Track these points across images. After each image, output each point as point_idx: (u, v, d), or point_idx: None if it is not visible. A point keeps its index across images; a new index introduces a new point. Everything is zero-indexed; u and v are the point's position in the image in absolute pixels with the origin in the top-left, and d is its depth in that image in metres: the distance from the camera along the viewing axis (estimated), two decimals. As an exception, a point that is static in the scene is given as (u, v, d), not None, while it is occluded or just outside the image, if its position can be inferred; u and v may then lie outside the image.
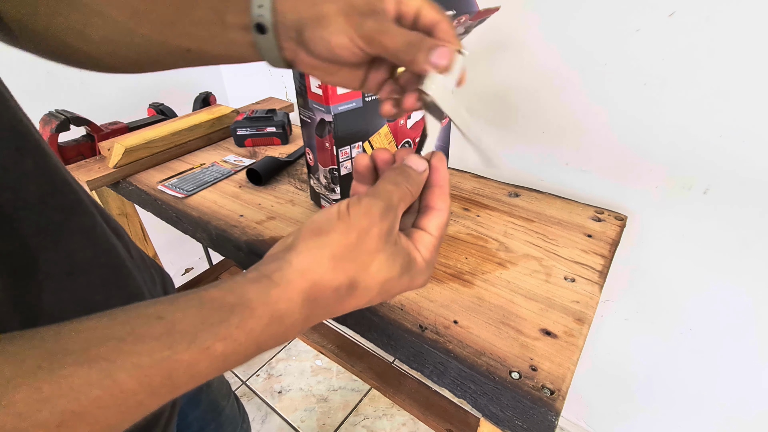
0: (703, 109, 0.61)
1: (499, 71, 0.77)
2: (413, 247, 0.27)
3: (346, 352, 1.05)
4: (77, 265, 0.30)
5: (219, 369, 0.21)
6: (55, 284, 0.28)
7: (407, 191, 0.27)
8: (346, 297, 0.24)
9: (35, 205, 0.28)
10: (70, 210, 0.31)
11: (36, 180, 0.28)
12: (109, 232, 0.35)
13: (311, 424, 1.19)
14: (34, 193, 0.28)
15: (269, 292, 0.22)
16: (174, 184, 0.76)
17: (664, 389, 0.89)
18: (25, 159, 0.28)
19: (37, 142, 0.29)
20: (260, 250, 0.59)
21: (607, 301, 0.86)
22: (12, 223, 0.26)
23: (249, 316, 0.21)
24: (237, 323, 0.20)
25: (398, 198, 0.26)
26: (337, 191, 0.63)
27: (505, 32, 0.73)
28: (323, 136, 0.59)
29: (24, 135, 0.28)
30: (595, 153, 0.73)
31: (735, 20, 0.54)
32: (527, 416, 0.40)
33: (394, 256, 0.25)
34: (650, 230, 0.74)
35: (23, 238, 0.26)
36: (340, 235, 0.24)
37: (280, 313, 0.22)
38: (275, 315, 0.22)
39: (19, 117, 0.28)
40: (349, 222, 0.24)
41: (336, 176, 0.62)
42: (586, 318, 0.48)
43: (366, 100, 0.59)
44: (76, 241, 0.30)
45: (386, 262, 0.25)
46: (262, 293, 0.22)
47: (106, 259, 0.33)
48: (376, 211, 0.24)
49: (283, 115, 0.95)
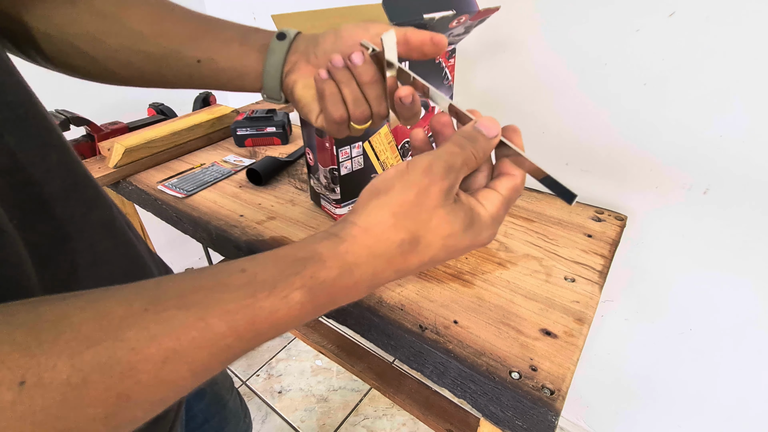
0: (703, 109, 0.61)
1: (499, 71, 0.77)
2: (476, 202, 0.27)
3: (346, 352, 1.05)
4: (99, 255, 0.31)
5: (296, 318, 0.22)
6: (79, 274, 0.29)
7: (471, 155, 0.26)
8: (409, 253, 0.24)
9: (60, 199, 0.28)
10: (92, 203, 0.32)
11: (60, 174, 0.29)
12: (126, 225, 0.36)
13: (311, 424, 1.19)
14: (59, 187, 0.29)
15: (337, 246, 0.23)
16: (174, 184, 0.76)
17: (664, 389, 0.88)
18: (50, 154, 0.29)
19: (60, 138, 0.30)
20: (260, 250, 0.59)
21: (607, 301, 0.86)
22: (39, 216, 0.27)
23: (321, 267, 0.22)
24: (311, 274, 0.22)
25: (461, 161, 0.26)
26: (337, 191, 0.63)
27: (506, 32, 0.73)
28: (323, 136, 0.59)
29: (49, 131, 0.29)
30: (596, 153, 0.73)
31: (735, 20, 0.54)
32: (527, 416, 0.40)
33: (455, 212, 0.25)
34: (650, 230, 0.74)
35: (49, 231, 0.27)
36: (398, 194, 0.24)
37: (349, 265, 0.23)
38: (344, 267, 0.23)
39: (43, 113, 0.29)
40: (408, 179, 0.24)
41: (336, 176, 0.62)
42: (586, 318, 0.48)
43: None
44: (97, 233, 0.31)
45: (446, 217, 0.24)
46: (331, 248, 0.23)
47: (124, 250, 0.34)
48: (436, 169, 0.24)
49: (283, 115, 0.95)
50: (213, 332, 0.19)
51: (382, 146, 0.65)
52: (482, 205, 0.27)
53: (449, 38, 0.62)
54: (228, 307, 0.20)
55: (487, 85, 0.80)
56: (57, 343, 0.16)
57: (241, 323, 0.20)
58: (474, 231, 0.26)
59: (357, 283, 0.23)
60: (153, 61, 0.36)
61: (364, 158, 0.64)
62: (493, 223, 0.27)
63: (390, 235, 0.24)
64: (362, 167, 0.64)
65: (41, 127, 0.28)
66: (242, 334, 0.20)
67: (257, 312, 0.20)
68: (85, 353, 0.17)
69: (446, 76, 0.68)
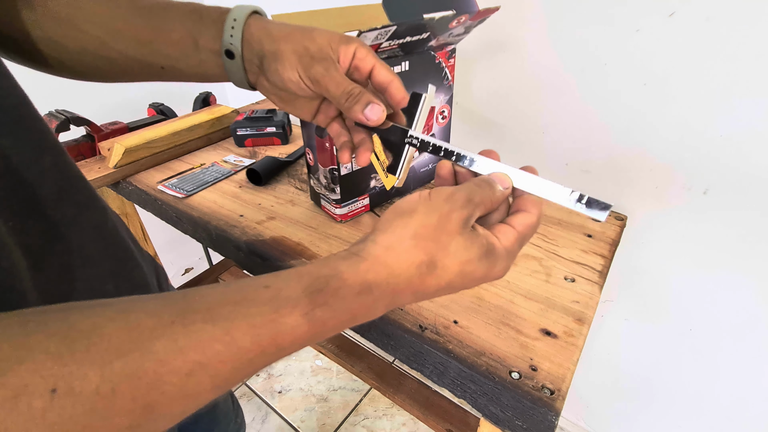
0: (703, 109, 0.61)
1: (500, 71, 0.77)
2: (492, 235, 0.27)
3: (346, 352, 1.05)
4: (89, 257, 0.31)
5: (317, 335, 0.22)
6: (70, 275, 0.30)
7: (488, 197, 0.28)
8: (427, 275, 0.25)
9: (52, 201, 0.29)
10: (84, 205, 0.32)
11: (53, 176, 0.29)
12: (119, 226, 0.36)
13: (311, 424, 1.19)
14: (52, 189, 0.29)
15: (359, 265, 0.24)
16: (174, 184, 0.76)
17: (664, 389, 0.88)
18: (44, 156, 0.29)
19: (54, 141, 0.31)
20: (260, 250, 0.59)
21: (607, 301, 0.86)
22: (32, 218, 0.27)
23: (342, 285, 0.23)
24: (333, 292, 0.23)
25: (479, 198, 0.27)
26: (337, 191, 0.63)
27: (506, 32, 0.73)
28: (323, 137, 0.59)
29: (43, 133, 0.29)
30: (595, 153, 0.73)
31: (735, 20, 0.54)
32: (527, 416, 0.40)
33: (472, 239, 0.26)
34: (650, 230, 0.74)
35: (42, 232, 0.28)
36: (421, 216, 0.25)
37: (369, 284, 0.24)
38: (365, 285, 0.23)
39: (37, 116, 0.30)
40: (431, 205, 0.26)
41: (336, 176, 0.62)
42: (586, 318, 0.48)
43: None
44: (88, 235, 0.32)
45: (464, 243, 0.25)
46: (352, 266, 0.24)
47: (113, 251, 0.35)
48: (457, 198, 0.26)
49: (283, 115, 0.95)
50: (238, 346, 0.20)
51: (380, 149, 0.65)
52: (497, 239, 0.27)
53: (449, 38, 0.62)
54: (254, 321, 0.20)
55: (487, 85, 0.80)
56: (89, 353, 0.17)
57: (265, 338, 0.20)
58: (489, 261, 0.26)
59: (376, 301, 0.24)
60: (119, 66, 0.36)
61: None
62: (507, 256, 0.28)
63: (410, 256, 0.24)
64: (361, 168, 0.64)
65: (35, 129, 0.29)
66: (265, 349, 0.21)
67: (280, 327, 0.21)
68: (115, 363, 0.17)
69: (446, 76, 0.68)
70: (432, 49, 0.63)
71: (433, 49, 0.63)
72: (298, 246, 0.60)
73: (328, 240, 0.62)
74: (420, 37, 0.56)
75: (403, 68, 0.60)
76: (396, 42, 0.54)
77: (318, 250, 0.59)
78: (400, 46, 0.56)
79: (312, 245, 0.60)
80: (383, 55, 0.56)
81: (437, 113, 0.70)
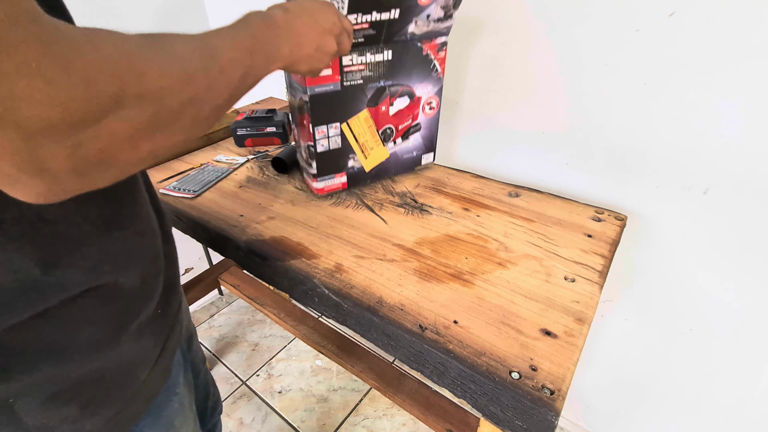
0: (703, 109, 0.61)
1: (499, 71, 0.77)
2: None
3: (346, 352, 1.05)
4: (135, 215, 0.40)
5: (250, 49, 0.35)
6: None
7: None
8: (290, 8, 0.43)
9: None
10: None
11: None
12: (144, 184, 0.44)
13: (311, 424, 1.19)
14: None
15: (266, 11, 0.41)
16: (174, 185, 0.76)
17: (663, 389, 0.88)
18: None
19: None
20: (260, 249, 0.59)
21: (607, 301, 0.86)
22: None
23: (254, 16, 0.38)
24: (253, 22, 0.38)
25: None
26: (314, 166, 0.68)
27: (506, 32, 0.73)
28: (303, 114, 0.64)
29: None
30: (595, 153, 0.73)
31: (735, 20, 0.54)
32: (527, 416, 0.40)
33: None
34: (650, 230, 0.74)
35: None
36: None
37: (267, 13, 0.40)
38: (265, 14, 0.40)
39: None
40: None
41: (312, 152, 0.66)
42: (586, 318, 0.48)
43: (344, 84, 0.62)
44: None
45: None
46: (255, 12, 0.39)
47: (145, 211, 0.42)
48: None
49: (283, 114, 0.95)
50: (240, 47, 0.33)
51: (361, 129, 0.68)
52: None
53: (430, 24, 0.62)
54: (234, 34, 0.34)
55: (486, 85, 0.80)
56: (173, 51, 0.27)
57: (246, 43, 0.34)
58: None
59: (275, 22, 0.40)
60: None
61: (342, 138, 0.67)
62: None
63: (280, 6, 0.42)
64: (339, 147, 0.68)
65: None
66: (250, 50, 0.35)
67: (247, 40, 0.35)
68: (195, 57, 0.28)
69: (435, 68, 0.68)
70: (416, 38, 0.63)
71: (418, 39, 0.63)
72: (298, 246, 0.60)
73: (328, 240, 0.62)
74: (391, 16, 0.57)
75: (385, 57, 0.62)
76: (365, 19, 0.56)
77: (318, 250, 0.59)
78: (372, 25, 0.57)
79: (312, 245, 0.60)
80: (358, 37, 0.58)
81: (424, 103, 0.71)
